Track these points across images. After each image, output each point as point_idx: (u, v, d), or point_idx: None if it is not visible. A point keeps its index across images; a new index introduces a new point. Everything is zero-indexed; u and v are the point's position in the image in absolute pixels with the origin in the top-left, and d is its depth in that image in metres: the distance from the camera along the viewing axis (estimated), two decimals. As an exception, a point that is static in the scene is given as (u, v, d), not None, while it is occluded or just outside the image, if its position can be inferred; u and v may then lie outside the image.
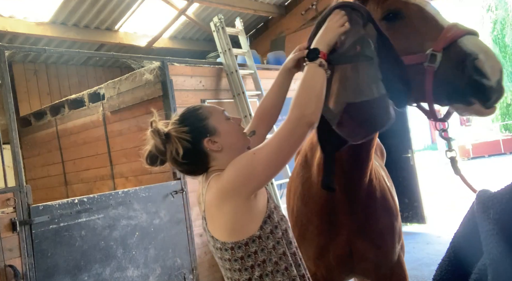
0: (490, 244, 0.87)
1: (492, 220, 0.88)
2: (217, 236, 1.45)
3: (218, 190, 1.41)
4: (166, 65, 4.66)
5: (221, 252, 1.46)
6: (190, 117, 1.54)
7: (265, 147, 1.38)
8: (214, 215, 1.44)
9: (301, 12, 8.36)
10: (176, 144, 1.48)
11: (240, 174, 1.38)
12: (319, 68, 1.44)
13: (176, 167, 1.55)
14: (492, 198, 0.92)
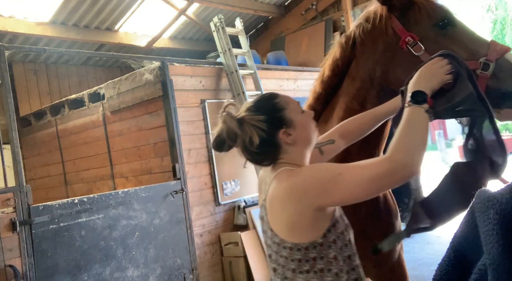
0: (490, 244, 0.87)
1: (492, 220, 0.88)
2: (276, 230, 1.39)
3: (289, 187, 1.35)
4: (166, 65, 4.66)
5: (278, 247, 1.41)
6: (266, 106, 1.49)
7: (355, 174, 1.28)
8: (276, 209, 1.39)
9: (301, 12, 8.36)
10: (251, 132, 1.44)
11: (318, 185, 1.31)
12: (425, 114, 1.36)
13: (244, 154, 1.52)
14: (492, 198, 0.92)
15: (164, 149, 4.80)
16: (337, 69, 2.05)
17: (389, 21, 1.88)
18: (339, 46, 2.07)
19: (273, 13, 8.51)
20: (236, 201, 5.19)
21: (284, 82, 6.18)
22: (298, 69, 6.57)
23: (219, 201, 5.01)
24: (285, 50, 8.14)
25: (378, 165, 1.26)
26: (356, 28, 2.01)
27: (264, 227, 1.49)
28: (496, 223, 0.88)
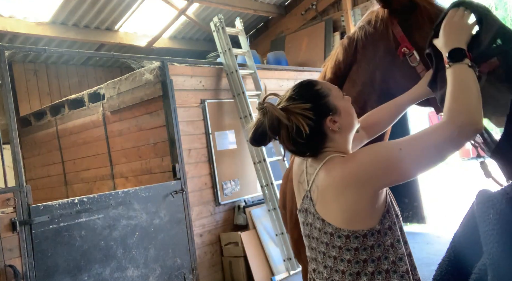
0: (490, 244, 0.87)
1: (492, 220, 0.89)
2: (329, 219, 1.35)
3: (347, 174, 1.30)
4: (166, 65, 4.66)
5: (331, 238, 1.35)
6: (310, 94, 1.43)
7: (417, 145, 1.24)
8: (331, 198, 1.34)
9: (301, 12, 8.37)
10: (298, 121, 1.36)
11: (379, 166, 1.27)
12: (469, 69, 1.32)
13: (288, 146, 1.43)
14: (492, 198, 0.92)
15: (164, 149, 4.80)
16: (339, 72, 2.02)
17: (390, 25, 1.83)
18: (342, 48, 2.04)
19: (273, 13, 8.51)
20: (236, 201, 5.19)
21: (284, 82, 6.18)
22: (298, 69, 6.58)
23: (219, 201, 5.01)
24: (285, 50, 8.15)
25: (441, 131, 1.22)
26: (359, 30, 1.98)
27: (309, 219, 1.44)
28: (496, 223, 0.88)
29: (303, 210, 1.46)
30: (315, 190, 1.39)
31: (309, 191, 1.42)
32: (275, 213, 4.83)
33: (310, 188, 1.41)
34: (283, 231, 4.69)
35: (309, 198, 1.41)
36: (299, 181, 1.51)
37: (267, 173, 4.97)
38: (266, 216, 5.08)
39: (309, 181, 1.43)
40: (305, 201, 1.44)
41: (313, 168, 1.42)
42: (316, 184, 1.39)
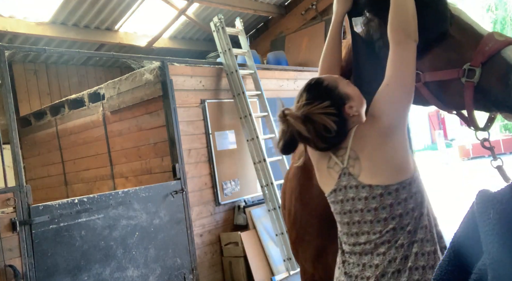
0: (490, 244, 0.87)
1: (492, 220, 0.88)
2: (378, 181, 1.47)
3: (379, 129, 1.47)
4: (166, 65, 4.66)
5: (381, 199, 1.47)
6: (322, 92, 1.57)
7: (392, 75, 1.47)
8: (377, 156, 1.48)
9: (301, 12, 8.37)
10: (322, 120, 1.49)
11: (390, 107, 1.47)
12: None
13: (320, 144, 1.55)
14: (492, 198, 0.92)
15: (164, 149, 4.80)
16: (340, 71, 2.03)
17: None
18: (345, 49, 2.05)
19: (273, 13, 8.51)
20: (236, 201, 5.19)
21: (284, 82, 6.18)
22: (298, 69, 6.58)
23: (219, 201, 5.01)
24: (285, 50, 8.15)
25: (395, 57, 1.47)
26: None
27: (349, 194, 1.54)
28: (496, 223, 0.88)
29: (341, 188, 1.57)
30: (355, 163, 1.51)
31: (346, 168, 1.54)
32: (275, 213, 4.83)
33: (348, 165, 1.53)
34: (283, 231, 4.70)
35: (347, 174, 1.54)
36: (328, 166, 1.61)
37: (267, 173, 4.97)
38: (266, 216, 5.08)
39: (343, 160, 1.55)
40: (342, 179, 1.55)
41: (343, 148, 1.55)
42: (354, 156, 1.52)
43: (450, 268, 1.01)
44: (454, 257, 1.01)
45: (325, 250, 2.11)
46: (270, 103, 5.51)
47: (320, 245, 2.11)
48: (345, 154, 1.54)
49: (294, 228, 2.20)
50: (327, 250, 2.10)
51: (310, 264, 2.19)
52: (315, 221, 2.09)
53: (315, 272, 2.20)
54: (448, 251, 1.04)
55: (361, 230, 1.53)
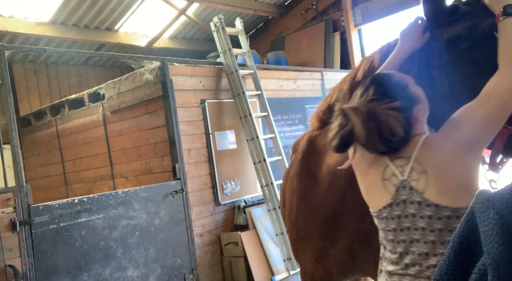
0: (490, 244, 0.87)
1: (492, 220, 0.88)
2: (446, 202, 1.33)
3: (458, 142, 1.33)
4: (166, 65, 4.66)
5: (448, 222, 1.33)
6: (392, 89, 1.41)
7: (497, 95, 1.33)
8: (448, 173, 1.33)
9: (301, 12, 8.37)
10: (389, 122, 1.35)
11: (482, 124, 1.33)
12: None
13: (380, 147, 1.41)
14: (492, 198, 0.92)
15: (164, 149, 4.80)
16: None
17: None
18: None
19: (273, 13, 8.51)
20: (236, 201, 5.19)
21: (284, 82, 6.18)
22: (298, 69, 6.58)
23: (219, 201, 5.01)
24: (285, 50, 8.15)
25: (506, 80, 1.33)
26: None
27: (409, 210, 1.39)
28: (496, 223, 0.88)
29: (399, 202, 1.41)
30: (421, 176, 1.36)
31: (406, 181, 1.39)
32: (275, 213, 4.83)
33: (409, 177, 1.38)
34: (283, 231, 4.69)
35: (409, 188, 1.39)
36: (383, 177, 1.45)
37: (267, 173, 4.97)
38: (266, 216, 5.08)
39: (403, 171, 1.40)
40: (401, 192, 1.40)
41: (404, 158, 1.40)
42: (420, 169, 1.36)
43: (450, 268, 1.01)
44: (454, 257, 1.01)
45: (326, 252, 2.11)
46: (270, 103, 5.51)
47: (322, 246, 2.11)
48: (406, 164, 1.40)
49: (295, 228, 2.20)
50: (329, 252, 2.10)
51: (310, 264, 2.19)
52: (319, 222, 2.09)
53: (315, 272, 2.20)
54: (448, 251, 1.04)
55: (420, 249, 1.38)
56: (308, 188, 2.14)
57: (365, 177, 1.54)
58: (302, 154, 2.23)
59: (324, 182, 2.06)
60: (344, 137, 1.42)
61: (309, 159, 2.18)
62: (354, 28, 7.73)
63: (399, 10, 7.04)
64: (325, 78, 6.82)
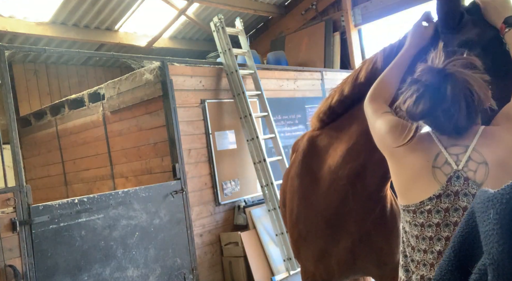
0: (490, 244, 0.87)
1: (492, 220, 0.88)
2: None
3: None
4: (166, 65, 4.66)
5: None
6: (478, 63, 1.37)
7: None
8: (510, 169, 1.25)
9: (301, 12, 8.37)
10: (482, 91, 1.29)
11: None
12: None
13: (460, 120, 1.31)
14: (492, 198, 0.92)
15: (164, 149, 4.80)
16: (373, 79, 1.92)
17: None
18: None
19: (273, 13, 8.51)
20: (236, 201, 5.19)
21: (284, 82, 6.18)
22: (298, 69, 6.58)
23: (219, 201, 5.01)
24: (285, 50, 8.15)
25: None
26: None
27: (461, 202, 1.29)
28: (496, 223, 0.88)
29: (449, 194, 1.30)
30: (479, 167, 1.27)
31: (461, 171, 1.29)
32: (275, 213, 4.83)
33: (464, 167, 1.29)
34: (283, 231, 4.69)
35: (464, 178, 1.29)
36: (434, 165, 1.33)
37: (267, 173, 4.97)
38: (266, 216, 5.08)
39: (457, 160, 1.30)
40: (454, 183, 1.29)
41: (460, 146, 1.32)
42: (480, 160, 1.27)
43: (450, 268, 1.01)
44: (454, 257, 1.01)
45: (327, 251, 2.11)
46: (270, 103, 5.51)
47: (323, 246, 2.11)
48: (463, 153, 1.30)
49: (296, 228, 2.20)
50: (330, 252, 2.10)
51: (311, 263, 2.19)
52: (321, 223, 2.09)
53: (316, 271, 2.20)
54: (448, 251, 1.04)
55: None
56: (309, 188, 2.14)
57: (404, 163, 1.40)
58: (303, 154, 2.23)
59: (325, 182, 2.06)
60: (431, 101, 1.28)
61: (310, 159, 2.18)
62: (354, 28, 7.73)
63: (399, 10, 7.04)
64: (325, 78, 6.82)
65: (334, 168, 2.01)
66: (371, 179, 1.94)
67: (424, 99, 1.29)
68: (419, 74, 1.34)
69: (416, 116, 1.32)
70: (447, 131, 1.34)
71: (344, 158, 1.97)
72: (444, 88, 1.27)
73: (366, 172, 1.93)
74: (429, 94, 1.29)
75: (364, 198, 1.98)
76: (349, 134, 2.00)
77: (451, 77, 1.28)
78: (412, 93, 1.32)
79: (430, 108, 1.29)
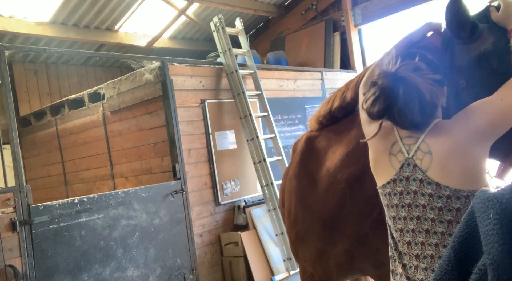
0: (490, 244, 0.87)
1: (492, 220, 0.88)
2: (447, 182, 1.37)
3: (472, 132, 1.38)
4: (166, 65, 4.66)
5: (447, 201, 1.37)
6: (431, 63, 1.52)
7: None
8: (454, 159, 1.37)
9: (301, 12, 8.37)
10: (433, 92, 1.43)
11: (495, 118, 1.38)
12: None
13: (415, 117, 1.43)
14: (492, 198, 0.92)
15: (164, 149, 4.80)
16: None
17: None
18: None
19: (273, 13, 8.51)
20: (236, 201, 5.19)
21: (284, 82, 6.18)
22: (298, 69, 6.58)
23: (219, 201, 5.01)
24: (285, 50, 8.15)
25: None
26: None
27: (412, 186, 1.45)
28: (496, 223, 0.88)
29: (402, 179, 1.47)
30: (425, 156, 1.42)
31: (411, 159, 1.45)
32: (275, 213, 4.83)
33: (414, 156, 1.45)
34: (283, 231, 4.69)
35: (413, 165, 1.45)
36: (391, 152, 1.52)
37: (267, 173, 4.97)
38: (266, 216, 5.08)
39: (409, 150, 1.46)
40: (405, 169, 1.46)
41: (413, 137, 1.47)
42: (426, 150, 1.42)
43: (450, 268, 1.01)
44: (454, 257, 1.01)
45: (325, 253, 2.11)
46: (270, 103, 5.51)
47: (321, 248, 2.11)
48: (413, 144, 1.46)
49: (293, 229, 2.20)
50: (328, 253, 2.10)
51: (309, 264, 2.19)
52: (317, 224, 2.09)
53: (315, 272, 2.20)
54: (448, 251, 1.04)
55: (420, 227, 1.43)
56: (307, 190, 2.14)
57: (373, 148, 1.60)
58: (301, 155, 2.22)
59: (323, 184, 2.06)
60: (386, 102, 1.43)
61: (308, 160, 2.18)
62: (354, 28, 7.73)
63: (399, 10, 7.04)
64: (325, 78, 6.82)
65: (333, 171, 2.01)
66: (369, 184, 1.94)
67: (379, 101, 1.44)
68: (376, 78, 1.48)
69: (373, 115, 1.48)
70: (404, 126, 1.48)
71: (343, 161, 1.97)
72: (397, 90, 1.41)
73: (364, 177, 1.93)
74: (384, 97, 1.43)
75: (362, 202, 1.98)
76: (348, 138, 1.99)
77: (402, 80, 1.41)
78: (370, 96, 1.47)
79: (385, 108, 1.44)
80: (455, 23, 1.60)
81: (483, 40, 1.59)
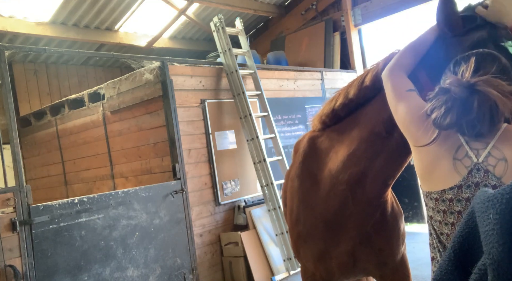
0: (490, 244, 0.87)
1: (492, 220, 0.88)
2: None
3: None
4: (166, 65, 4.66)
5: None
6: (506, 69, 1.42)
7: None
8: None
9: (301, 12, 8.37)
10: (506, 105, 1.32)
11: None
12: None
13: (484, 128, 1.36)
14: (492, 198, 0.92)
15: (164, 149, 4.80)
16: (378, 83, 1.90)
17: None
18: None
19: (273, 13, 8.51)
20: (236, 201, 5.19)
21: (284, 82, 6.18)
22: (298, 69, 6.58)
23: (219, 201, 5.01)
24: (285, 50, 8.15)
25: None
26: None
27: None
28: (496, 223, 0.88)
29: (470, 185, 1.37)
30: (500, 163, 1.33)
31: (480, 164, 1.36)
32: (275, 213, 4.83)
33: (484, 161, 1.35)
34: (283, 231, 4.69)
35: (483, 171, 1.35)
36: (455, 157, 1.40)
37: (267, 173, 4.97)
38: (266, 216, 5.08)
39: (478, 154, 1.36)
40: (474, 174, 1.36)
41: (481, 141, 1.38)
42: (499, 156, 1.34)
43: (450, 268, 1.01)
44: (454, 257, 1.01)
45: (327, 253, 2.10)
46: (270, 103, 5.51)
47: (323, 248, 2.10)
48: (482, 148, 1.37)
49: (295, 228, 2.20)
50: (330, 254, 2.10)
51: (311, 263, 2.19)
52: (320, 225, 2.09)
53: (316, 271, 2.20)
54: (448, 251, 1.04)
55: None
56: (309, 190, 2.14)
57: (426, 151, 1.47)
58: (303, 156, 2.22)
59: (325, 185, 2.06)
60: (459, 116, 1.34)
61: (310, 161, 2.18)
62: (354, 28, 7.73)
63: (399, 10, 7.04)
64: (325, 78, 6.82)
65: (335, 172, 2.01)
66: (371, 185, 1.94)
67: (452, 113, 1.35)
68: (448, 85, 1.38)
69: (442, 127, 1.39)
70: (470, 135, 1.40)
71: (345, 162, 1.97)
72: (471, 103, 1.32)
73: (366, 179, 1.93)
74: (457, 108, 1.34)
75: (364, 203, 1.98)
76: (350, 139, 1.99)
77: (479, 93, 1.32)
78: (441, 105, 1.37)
79: (456, 121, 1.35)
80: (450, 23, 1.63)
81: (477, 31, 1.61)
